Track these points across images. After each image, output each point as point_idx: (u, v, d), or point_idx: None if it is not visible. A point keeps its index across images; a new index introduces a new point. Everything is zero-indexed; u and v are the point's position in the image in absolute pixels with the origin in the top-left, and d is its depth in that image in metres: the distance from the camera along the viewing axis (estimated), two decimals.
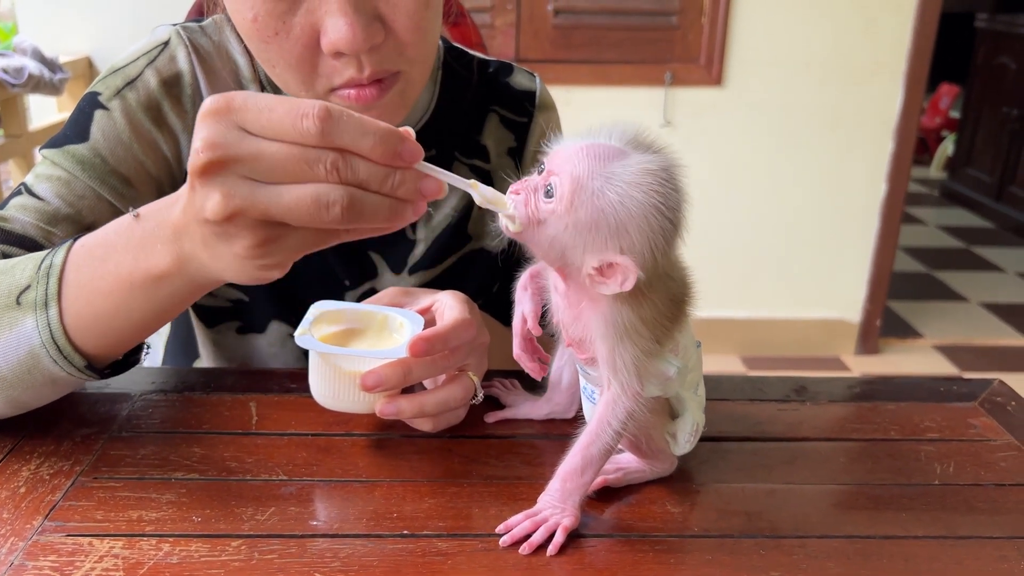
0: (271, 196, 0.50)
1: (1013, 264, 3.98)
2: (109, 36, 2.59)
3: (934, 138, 5.47)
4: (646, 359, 0.58)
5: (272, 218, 0.51)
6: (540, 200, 0.55)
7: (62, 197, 0.77)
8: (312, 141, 0.50)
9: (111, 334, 0.64)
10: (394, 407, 0.67)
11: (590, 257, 0.55)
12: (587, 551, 0.59)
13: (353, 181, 0.51)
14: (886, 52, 2.70)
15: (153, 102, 0.81)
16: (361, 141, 0.51)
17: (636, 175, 0.53)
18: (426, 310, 0.73)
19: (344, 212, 0.51)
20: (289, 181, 0.51)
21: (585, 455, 0.60)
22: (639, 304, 0.57)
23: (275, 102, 0.50)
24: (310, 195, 0.50)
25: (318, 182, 0.51)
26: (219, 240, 0.53)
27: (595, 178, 0.54)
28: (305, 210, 0.51)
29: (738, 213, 2.88)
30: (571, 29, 2.70)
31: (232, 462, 0.68)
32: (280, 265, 0.55)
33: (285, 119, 0.50)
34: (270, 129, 0.50)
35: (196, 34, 0.85)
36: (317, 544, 0.58)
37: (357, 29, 0.67)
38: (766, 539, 0.61)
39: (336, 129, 0.50)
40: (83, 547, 0.57)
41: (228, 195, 0.50)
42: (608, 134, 0.56)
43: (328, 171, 0.50)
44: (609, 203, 0.53)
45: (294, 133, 0.50)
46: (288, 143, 0.50)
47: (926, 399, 0.82)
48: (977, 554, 0.60)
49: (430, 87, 0.91)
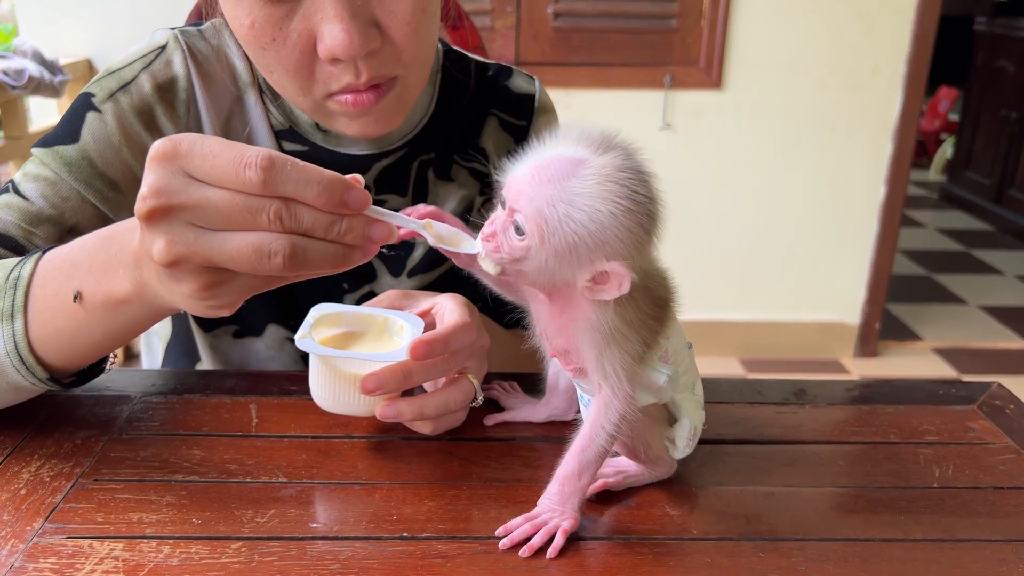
0: (214, 244, 0.51)
1: (1012, 267, 3.98)
2: (109, 38, 2.59)
3: (933, 141, 5.47)
4: (634, 362, 0.58)
5: (215, 264, 0.52)
6: (512, 240, 0.55)
7: (46, 198, 0.77)
8: (255, 191, 0.50)
9: (73, 350, 0.65)
10: (394, 409, 0.67)
11: (580, 274, 0.54)
12: (586, 554, 0.59)
13: (297, 230, 0.52)
14: (885, 55, 2.70)
15: (146, 107, 0.81)
16: (305, 190, 0.51)
17: (597, 187, 0.52)
18: (426, 313, 0.74)
19: (286, 261, 0.51)
20: (233, 228, 0.51)
21: (581, 459, 0.60)
22: (622, 306, 0.57)
23: (220, 148, 0.50)
24: (251, 245, 0.51)
25: (261, 231, 0.51)
26: (169, 279, 0.54)
27: (558, 204, 0.52)
28: (246, 259, 0.51)
29: (737, 216, 2.88)
30: (571, 32, 2.71)
31: (232, 464, 0.68)
32: (229, 305, 0.56)
33: (228, 168, 0.50)
34: (214, 176, 0.50)
35: (194, 38, 0.85)
36: (317, 546, 0.58)
37: (354, 35, 0.67)
38: (765, 542, 0.61)
39: (279, 179, 0.50)
40: (83, 549, 0.57)
41: (171, 242, 0.51)
42: (561, 142, 0.55)
43: (271, 220, 0.51)
44: (580, 224, 0.52)
45: (237, 182, 0.50)
46: (232, 191, 0.50)
47: (925, 402, 0.82)
48: (976, 557, 0.60)
49: (429, 90, 0.92)
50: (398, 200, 0.90)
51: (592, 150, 0.54)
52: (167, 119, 0.82)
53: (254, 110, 0.85)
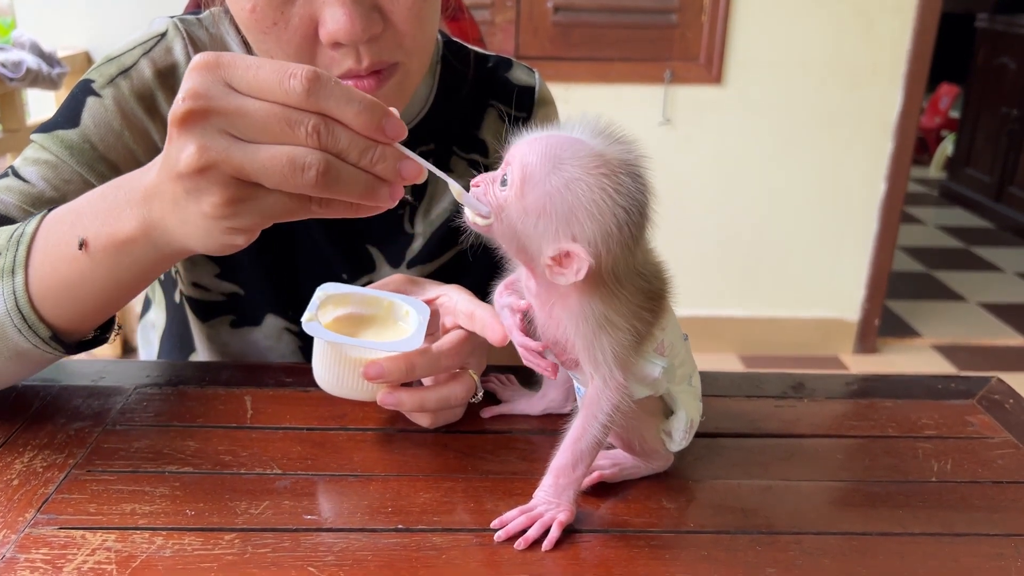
0: (247, 152, 0.50)
1: (1012, 264, 3.98)
2: (107, 30, 2.59)
3: (934, 138, 5.47)
4: (625, 352, 0.58)
5: (246, 176, 0.51)
6: (496, 189, 0.56)
7: (48, 180, 0.76)
8: (296, 102, 0.50)
9: (76, 303, 0.63)
10: (395, 398, 0.67)
11: (546, 246, 0.54)
12: (582, 546, 0.59)
13: (333, 148, 0.51)
14: (886, 52, 2.69)
15: (147, 91, 0.80)
16: (346, 108, 0.50)
17: (585, 160, 0.53)
18: (432, 301, 0.73)
19: (319, 177, 0.50)
20: (268, 141, 0.50)
21: (575, 450, 0.60)
22: (610, 297, 0.57)
23: (264, 61, 0.50)
24: (286, 155, 0.50)
25: (297, 144, 0.50)
26: (188, 197, 0.52)
27: (545, 163, 0.54)
28: (279, 170, 0.50)
29: (737, 212, 2.87)
30: (571, 26, 2.70)
31: (226, 456, 0.67)
32: (248, 230, 0.55)
33: (272, 77, 0.49)
34: (256, 87, 0.50)
35: (193, 27, 0.84)
36: (311, 538, 0.58)
37: (355, 19, 0.67)
38: (762, 535, 0.60)
39: (322, 92, 0.49)
40: (76, 540, 0.57)
41: (203, 147, 0.50)
42: (573, 126, 0.56)
43: (308, 134, 0.50)
44: (555, 188, 0.53)
45: (279, 92, 0.49)
46: (271, 102, 0.50)
47: (924, 396, 0.82)
48: (974, 551, 0.60)
49: (428, 81, 0.91)
50: None
51: (597, 138, 0.55)
52: (168, 104, 0.81)
53: None
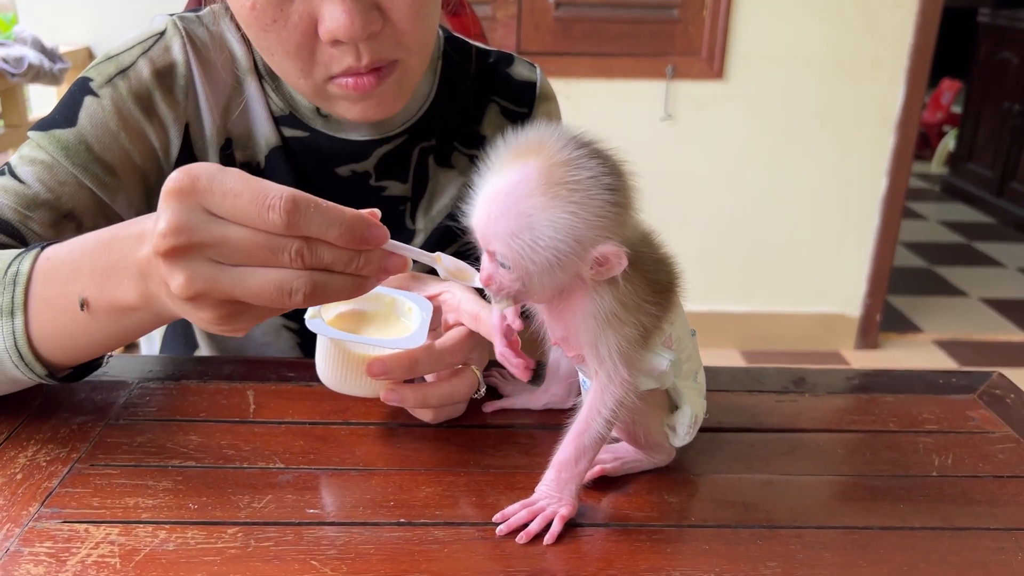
0: (235, 280, 0.51)
1: (1014, 260, 3.97)
2: (109, 26, 2.58)
3: (935, 133, 5.46)
4: (631, 346, 0.58)
5: (236, 299, 0.52)
6: (504, 276, 0.56)
7: (43, 182, 0.76)
8: (278, 231, 0.50)
9: (74, 349, 0.65)
10: (398, 395, 0.67)
11: (580, 269, 0.55)
12: (584, 540, 0.59)
13: (318, 266, 0.52)
14: (888, 47, 2.69)
15: (144, 92, 0.80)
16: (328, 232, 0.51)
17: (545, 198, 0.52)
18: (433, 297, 0.73)
19: (306, 298, 0.52)
20: (254, 264, 0.52)
21: (578, 444, 0.60)
22: (619, 290, 0.57)
23: (241, 187, 0.50)
24: (273, 284, 0.51)
25: (282, 268, 0.51)
26: (186, 308, 0.54)
27: (521, 233, 0.53)
28: (268, 296, 0.52)
29: (738, 207, 2.87)
30: (572, 22, 2.70)
31: (229, 450, 0.67)
32: (243, 329, 0.57)
33: (250, 208, 0.50)
34: (235, 215, 0.51)
35: (193, 24, 0.84)
36: (314, 532, 0.58)
37: (355, 17, 0.67)
38: (763, 529, 0.61)
39: (302, 221, 0.50)
40: (79, 533, 0.57)
41: (192, 279, 0.51)
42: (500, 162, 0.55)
43: (292, 259, 0.51)
44: (550, 239, 0.53)
45: (259, 222, 0.50)
46: (254, 229, 0.51)
47: (925, 391, 0.82)
48: (974, 545, 0.60)
49: (430, 76, 0.91)
50: (398, 186, 0.89)
51: (527, 157, 0.54)
52: (165, 105, 0.81)
53: (253, 96, 0.85)
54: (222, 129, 0.84)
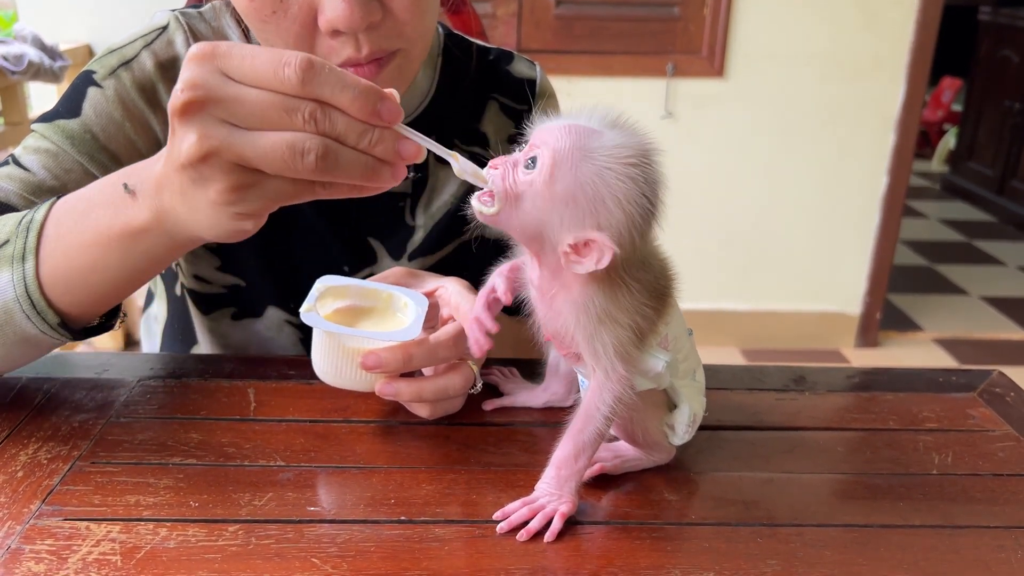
0: (247, 140, 0.51)
1: (1014, 258, 3.97)
2: (109, 24, 2.58)
3: (936, 131, 5.45)
4: (627, 345, 0.58)
5: (247, 163, 0.52)
6: (519, 173, 0.56)
7: (49, 169, 0.77)
8: (292, 90, 0.50)
9: (86, 290, 0.64)
10: (393, 388, 0.67)
11: (566, 233, 0.55)
12: (584, 538, 0.59)
13: (331, 133, 0.52)
14: (888, 45, 2.69)
15: (148, 83, 0.81)
16: (340, 94, 0.51)
17: (615, 151, 0.54)
18: (431, 293, 0.74)
19: (318, 161, 0.51)
20: (267, 128, 0.51)
21: (576, 442, 0.60)
22: (612, 289, 0.57)
23: (259, 50, 0.51)
24: (286, 142, 0.51)
25: (295, 131, 0.51)
26: (194, 186, 0.53)
27: (575, 151, 0.54)
28: (279, 156, 0.51)
29: (739, 205, 2.87)
30: (573, 19, 2.69)
31: (230, 448, 0.68)
32: (255, 215, 0.55)
33: (267, 66, 0.50)
34: (252, 76, 0.50)
35: (194, 20, 0.84)
36: (314, 529, 0.58)
37: (354, 8, 0.67)
38: (763, 527, 0.61)
39: (316, 80, 0.50)
40: (80, 531, 0.57)
41: (204, 136, 0.51)
42: (589, 116, 0.56)
43: (306, 120, 0.51)
44: (588, 176, 0.54)
45: (275, 81, 0.50)
46: (268, 90, 0.50)
47: (925, 389, 0.82)
48: (974, 543, 0.60)
49: (430, 73, 0.91)
50: None
51: (615, 129, 0.56)
52: (169, 97, 0.81)
53: None
54: None
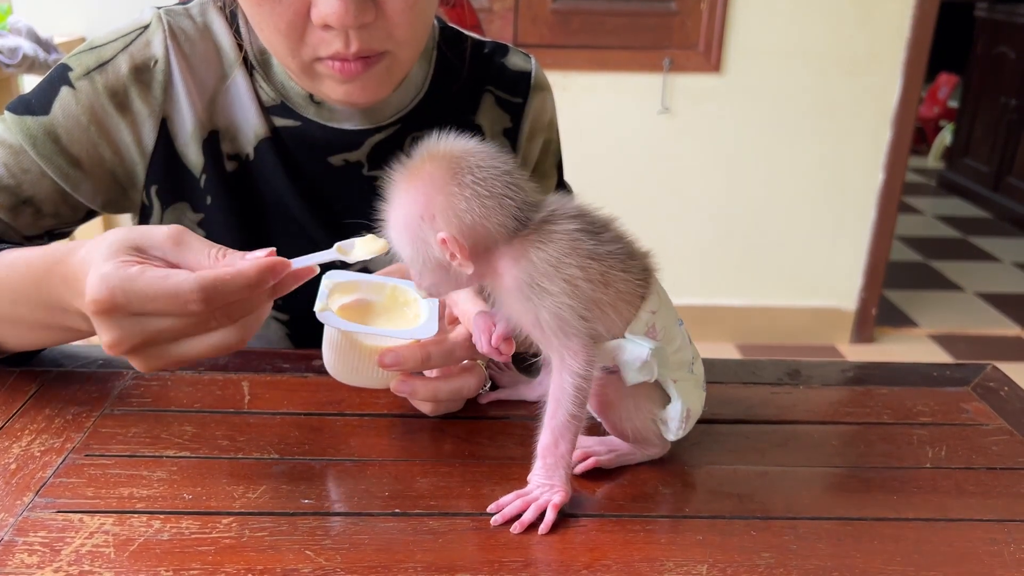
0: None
1: (1010, 254, 3.98)
2: (103, 16, 2.57)
3: (932, 128, 5.46)
4: (565, 311, 0.58)
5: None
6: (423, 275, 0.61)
7: (7, 167, 0.79)
8: (201, 314, 0.56)
9: (15, 348, 0.73)
10: (409, 387, 0.68)
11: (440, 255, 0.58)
12: (578, 530, 0.59)
13: (244, 315, 0.58)
14: (885, 41, 2.69)
15: (120, 88, 0.81)
16: (239, 294, 0.56)
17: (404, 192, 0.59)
18: None
19: (242, 343, 0.59)
20: (190, 336, 0.58)
21: (553, 427, 0.60)
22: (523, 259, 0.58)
23: (154, 290, 0.55)
24: (214, 347, 0.58)
25: (211, 331, 0.58)
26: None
27: (399, 214, 0.59)
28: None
29: (735, 201, 2.87)
30: (570, 14, 2.69)
31: (224, 440, 0.67)
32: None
33: (171, 307, 0.55)
34: (160, 311, 0.56)
35: (179, 17, 0.84)
36: (308, 522, 0.58)
37: (349, 5, 0.67)
38: (757, 520, 0.61)
39: (217, 299, 0.55)
40: (73, 523, 0.57)
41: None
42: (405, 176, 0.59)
43: (221, 323, 0.57)
44: (410, 210, 0.58)
45: (184, 312, 0.56)
46: (180, 316, 0.56)
47: (919, 384, 0.82)
48: (967, 537, 0.60)
49: (424, 67, 0.91)
50: None
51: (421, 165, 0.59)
52: (141, 101, 0.82)
53: (241, 88, 0.84)
54: (206, 122, 0.84)
